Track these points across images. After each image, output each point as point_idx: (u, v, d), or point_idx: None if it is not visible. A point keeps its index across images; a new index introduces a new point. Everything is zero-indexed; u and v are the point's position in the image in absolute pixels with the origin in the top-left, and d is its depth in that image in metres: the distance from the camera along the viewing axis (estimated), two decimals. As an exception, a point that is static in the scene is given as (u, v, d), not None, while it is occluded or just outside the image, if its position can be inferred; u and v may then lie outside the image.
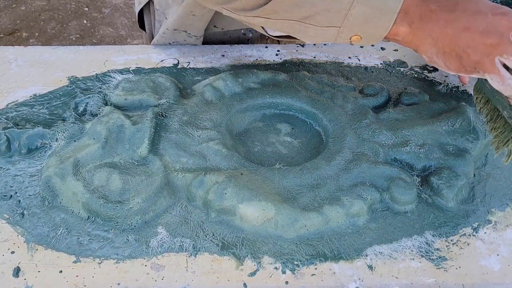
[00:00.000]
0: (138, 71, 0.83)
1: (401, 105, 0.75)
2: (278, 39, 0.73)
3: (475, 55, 0.53)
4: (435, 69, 0.86)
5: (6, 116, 0.73)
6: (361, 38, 0.59)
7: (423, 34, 0.56)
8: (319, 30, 0.59)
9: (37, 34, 2.28)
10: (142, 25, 1.02)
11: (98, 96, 0.75)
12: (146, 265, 0.58)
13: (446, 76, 0.84)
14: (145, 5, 0.95)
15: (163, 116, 0.72)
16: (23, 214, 0.62)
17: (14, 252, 0.58)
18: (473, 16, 0.53)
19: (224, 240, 0.60)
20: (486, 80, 0.56)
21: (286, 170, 0.65)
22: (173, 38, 0.89)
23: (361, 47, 0.90)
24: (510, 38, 0.52)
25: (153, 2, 0.92)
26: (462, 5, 0.54)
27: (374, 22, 0.56)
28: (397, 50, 0.89)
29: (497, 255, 0.59)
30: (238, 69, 0.82)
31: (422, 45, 0.57)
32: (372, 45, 0.90)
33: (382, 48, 0.90)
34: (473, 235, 0.61)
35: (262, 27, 0.69)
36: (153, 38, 0.95)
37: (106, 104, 0.75)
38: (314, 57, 0.87)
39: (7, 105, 0.76)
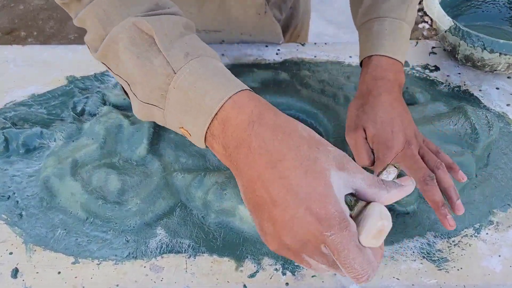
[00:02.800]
0: (137, 70, 0.82)
1: (402, 105, 0.75)
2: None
3: (273, 245, 0.40)
4: (437, 69, 0.85)
5: (4, 116, 0.73)
6: (189, 134, 0.45)
7: (235, 170, 0.42)
8: (142, 105, 0.47)
9: (35, 33, 2.28)
10: None
11: (97, 96, 0.75)
12: (145, 267, 0.57)
13: (447, 76, 0.84)
14: None
15: (162, 116, 0.71)
16: (21, 215, 0.62)
17: (12, 253, 0.58)
18: (286, 193, 0.37)
19: (224, 241, 0.59)
20: None
21: (286, 171, 0.65)
22: None
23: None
24: (314, 250, 0.38)
25: None
26: (286, 166, 0.37)
27: (191, 118, 0.43)
28: (397, 50, 0.89)
29: (499, 256, 0.59)
30: (238, 68, 0.81)
31: (235, 176, 0.43)
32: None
33: (383, 48, 0.89)
34: (474, 236, 0.61)
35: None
36: None
37: (104, 104, 0.74)
38: (315, 57, 0.87)
39: (5, 104, 0.75)
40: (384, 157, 0.59)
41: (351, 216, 0.38)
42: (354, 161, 0.45)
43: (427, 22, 2.39)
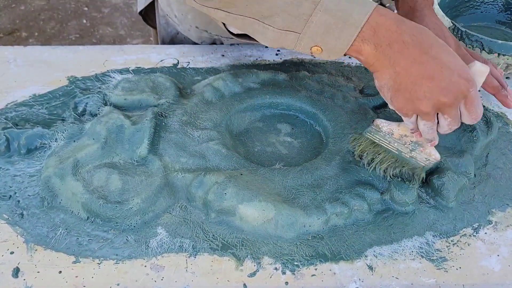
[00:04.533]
0: (137, 71, 0.83)
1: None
2: (239, 40, 0.71)
3: (427, 107, 0.54)
4: (435, 69, 0.86)
5: (5, 116, 0.73)
6: (321, 50, 0.55)
7: (387, 62, 0.54)
8: (277, 33, 0.56)
9: (36, 34, 2.28)
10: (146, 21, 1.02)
11: (98, 96, 0.75)
12: (145, 266, 0.57)
13: (446, 76, 0.84)
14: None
15: (162, 116, 0.72)
16: (22, 214, 0.62)
17: (13, 252, 0.58)
18: (441, 68, 0.52)
19: (224, 240, 0.60)
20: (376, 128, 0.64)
21: (286, 171, 0.65)
22: (200, 38, 0.89)
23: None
24: (459, 103, 0.54)
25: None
26: (435, 51, 0.53)
27: (336, 33, 0.53)
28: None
29: (498, 255, 0.59)
30: (238, 69, 0.82)
31: (381, 72, 0.55)
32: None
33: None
34: (473, 235, 0.61)
35: (224, 24, 0.67)
36: (159, 33, 0.95)
37: (105, 104, 0.74)
38: (314, 57, 0.87)
39: (7, 105, 0.76)
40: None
41: None
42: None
43: (427, 23, 2.39)
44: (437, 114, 0.56)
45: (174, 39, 0.95)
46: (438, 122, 0.57)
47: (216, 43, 0.90)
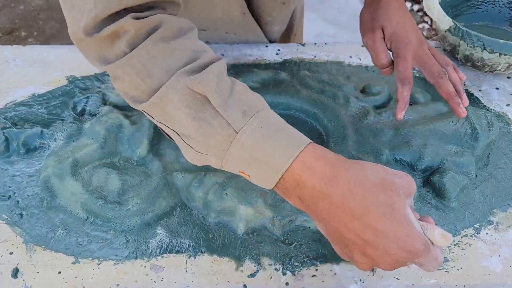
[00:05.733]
0: (137, 70, 0.82)
1: (402, 105, 0.75)
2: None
3: (364, 268, 0.46)
4: (436, 69, 0.85)
5: (4, 116, 0.73)
6: (249, 177, 0.47)
7: (316, 217, 0.46)
8: (199, 155, 0.49)
9: (35, 33, 2.28)
10: None
11: (97, 96, 0.75)
12: (145, 266, 0.57)
13: (447, 76, 0.84)
14: None
15: (162, 116, 0.71)
16: (21, 214, 0.62)
17: (12, 253, 0.58)
18: (376, 238, 0.42)
19: (224, 241, 0.59)
20: None
21: (286, 171, 0.65)
22: None
23: (362, 46, 0.89)
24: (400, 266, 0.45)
25: None
26: (372, 218, 0.42)
27: (259, 172, 0.46)
28: (397, 50, 0.89)
29: (499, 256, 0.59)
30: (238, 68, 0.82)
31: (314, 219, 0.48)
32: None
33: (383, 48, 0.89)
34: (474, 235, 0.61)
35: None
36: None
37: (105, 104, 0.74)
38: (315, 57, 0.87)
39: (6, 104, 0.75)
40: (404, 53, 0.65)
41: None
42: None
43: (427, 22, 2.39)
44: None
45: None
46: None
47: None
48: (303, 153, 0.45)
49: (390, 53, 0.68)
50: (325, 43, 0.91)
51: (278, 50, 0.88)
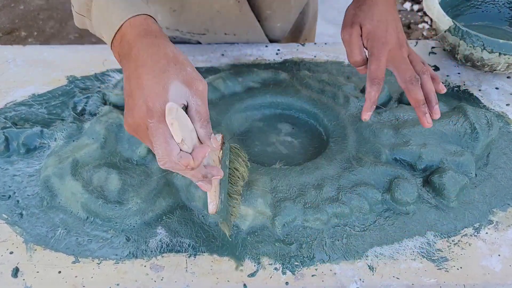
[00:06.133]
0: (137, 70, 0.82)
1: (402, 105, 0.75)
2: None
3: (128, 126, 0.51)
4: (437, 69, 0.85)
5: (4, 116, 0.73)
6: (105, 38, 0.58)
7: (124, 73, 0.52)
8: (79, 16, 0.62)
9: (35, 33, 2.28)
10: None
11: (97, 96, 0.75)
12: (145, 266, 0.57)
13: (447, 76, 0.84)
14: None
15: (162, 116, 0.71)
16: (21, 214, 0.62)
17: (12, 252, 0.58)
18: (137, 89, 0.49)
19: (224, 240, 0.59)
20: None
21: (287, 170, 0.65)
22: (172, 38, 0.89)
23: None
24: (143, 129, 0.49)
25: None
26: (141, 71, 0.49)
27: (103, 31, 0.56)
28: (397, 50, 0.89)
29: (499, 255, 0.59)
30: (238, 68, 0.82)
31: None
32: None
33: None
34: (474, 235, 0.61)
35: None
36: None
37: (105, 104, 0.74)
38: (315, 57, 0.87)
39: (6, 104, 0.75)
40: (379, 53, 0.63)
41: None
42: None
43: (426, 22, 2.39)
44: None
45: None
46: None
47: (191, 41, 0.90)
48: (136, 17, 0.53)
49: (367, 52, 0.66)
50: (325, 43, 0.91)
51: (278, 50, 0.88)
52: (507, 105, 0.79)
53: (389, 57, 0.64)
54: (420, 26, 2.37)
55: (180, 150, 0.48)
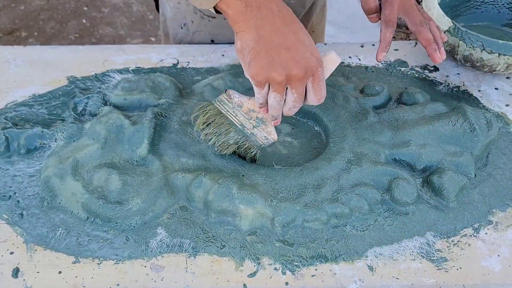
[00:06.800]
0: (137, 70, 0.83)
1: (402, 105, 0.75)
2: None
3: (280, 75, 0.55)
4: (436, 69, 0.86)
5: (5, 116, 0.73)
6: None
7: (253, 24, 0.55)
8: None
9: (36, 33, 2.28)
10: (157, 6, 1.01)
11: (98, 96, 0.75)
12: (145, 266, 0.57)
13: (447, 76, 0.84)
14: None
15: (162, 116, 0.72)
16: (22, 214, 0.62)
17: (13, 252, 0.58)
18: (298, 43, 0.55)
19: (224, 240, 0.60)
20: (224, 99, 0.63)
21: (286, 171, 0.65)
22: (183, 15, 0.88)
23: (361, 46, 0.90)
24: (307, 79, 0.57)
25: None
26: (295, 27, 0.56)
27: None
28: (397, 50, 0.89)
29: (498, 255, 0.59)
30: (238, 69, 0.82)
31: (245, 32, 0.55)
32: (373, 45, 0.90)
33: (383, 48, 0.90)
34: (474, 235, 0.61)
35: None
36: (164, 18, 0.94)
37: (105, 104, 0.74)
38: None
39: (6, 105, 0.76)
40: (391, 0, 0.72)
41: None
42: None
43: (427, 23, 2.39)
44: (286, 89, 0.58)
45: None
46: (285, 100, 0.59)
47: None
48: None
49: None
50: (325, 43, 0.91)
51: (278, 50, 0.88)
52: (506, 105, 0.79)
53: (400, 5, 0.73)
54: (420, 26, 2.37)
55: None
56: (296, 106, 0.59)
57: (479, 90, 0.81)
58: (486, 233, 0.62)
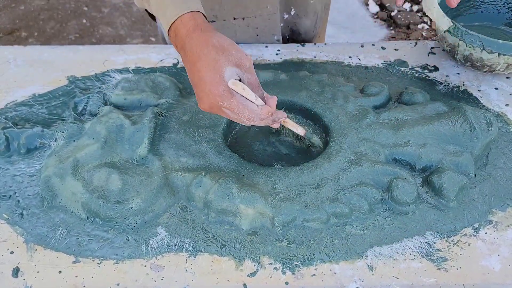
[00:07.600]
0: (137, 70, 0.83)
1: (402, 105, 0.75)
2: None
3: (202, 107, 0.60)
4: (436, 69, 0.86)
5: (5, 116, 0.73)
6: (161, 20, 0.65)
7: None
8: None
9: (36, 33, 2.28)
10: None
11: (98, 96, 0.75)
12: (145, 266, 0.57)
13: (447, 76, 0.84)
14: None
15: (162, 116, 0.72)
16: (22, 214, 0.62)
17: (13, 252, 0.58)
18: (199, 81, 0.58)
19: (224, 240, 0.60)
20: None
21: (286, 170, 0.65)
22: None
23: (361, 46, 0.90)
24: (218, 110, 0.59)
25: None
26: (200, 65, 0.58)
27: (161, 17, 0.64)
28: (397, 50, 0.89)
29: (498, 255, 0.59)
30: (238, 69, 0.81)
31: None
32: (373, 45, 0.90)
33: (383, 48, 0.90)
34: (474, 235, 0.61)
35: None
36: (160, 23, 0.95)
37: (105, 104, 0.74)
38: (315, 57, 0.87)
39: (6, 104, 0.76)
40: None
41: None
42: None
43: (426, 23, 2.39)
44: None
45: None
46: None
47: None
48: (187, 14, 0.61)
49: None
50: (325, 43, 0.91)
51: (278, 50, 0.89)
52: (506, 105, 0.79)
53: None
54: (419, 26, 2.37)
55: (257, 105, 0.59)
56: (244, 122, 0.60)
57: (479, 90, 0.81)
58: (486, 233, 0.62)
